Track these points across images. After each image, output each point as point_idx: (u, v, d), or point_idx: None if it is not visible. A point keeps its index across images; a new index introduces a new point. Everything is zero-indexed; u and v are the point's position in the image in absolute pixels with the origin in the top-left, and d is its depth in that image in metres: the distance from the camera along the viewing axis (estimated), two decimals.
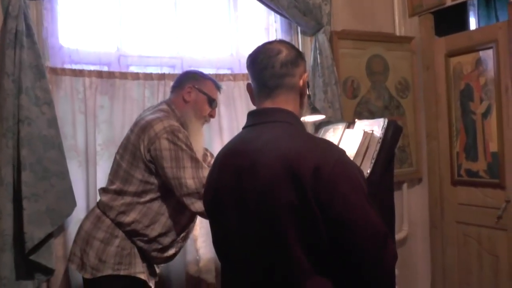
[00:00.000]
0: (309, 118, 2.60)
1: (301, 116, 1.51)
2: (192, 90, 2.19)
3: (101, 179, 2.36)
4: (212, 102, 2.24)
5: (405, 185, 3.45)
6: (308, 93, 2.51)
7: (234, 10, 2.89)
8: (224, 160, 1.43)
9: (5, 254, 2.07)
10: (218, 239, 1.48)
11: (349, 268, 1.25)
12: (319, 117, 2.66)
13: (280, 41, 1.48)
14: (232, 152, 1.41)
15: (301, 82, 1.43)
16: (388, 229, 2.17)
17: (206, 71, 2.72)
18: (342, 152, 1.31)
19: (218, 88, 2.29)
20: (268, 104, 1.41)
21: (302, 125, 1.46)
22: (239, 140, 1.43)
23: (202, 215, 2.02)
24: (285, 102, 1.41)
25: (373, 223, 1.23)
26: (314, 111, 2.66)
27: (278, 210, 1.24)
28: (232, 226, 1.37)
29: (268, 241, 1.27)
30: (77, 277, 2.20)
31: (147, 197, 2.05)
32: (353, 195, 1.23)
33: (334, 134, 2.48)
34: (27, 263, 2.14)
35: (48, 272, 2.20)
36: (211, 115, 2.28)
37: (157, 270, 2.24)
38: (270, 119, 1.39)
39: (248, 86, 1.49)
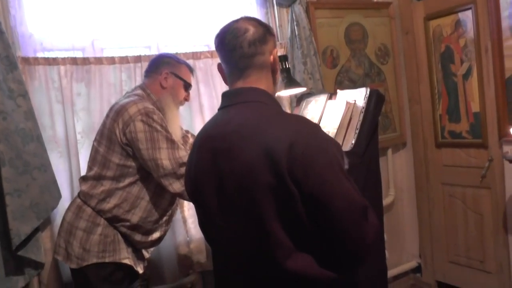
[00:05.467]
0: (289, 92, 2.57)
1: (276, 92, 1.48)
2: (169, 75, 2.18)
3: (84, 168, 2.32)
4: (188, 87, 2.25)
5: (389, 151, 3.48)
6: (287, 66, 2.51)
7: None
8: (201, 143, 1.42)
9: None
10: (202, 221, 1.49)
11: (329, 243, 1.25)
12: (300, 89, 2.63)
13: (247, 18, 1.43)
14: (208, 136, 1.40)
15: (271, 58, 1.40)
16: (375, 198, 2.21)
17: (183, 49, 2.69)
18: (316, 126, 1.30)
19: (191, 71, 2.29)
20: (240, 84, 1.39)
21: (276, 102, 1.43)
22: (215, 123, 1.42)
23: (181, 196, 2.04)
24: (257, 81, 1.39)
25: (349, 197, 1.21)
26: (294, 83, 2.63)
27: (256, 191, 1.23)
28: (213, 209, 1.37)
29: (248, 222, 1.27)
30: (67, 268, 2.19)
31: (126, 181, 2.06)
32: (328, 170, 1.21)
33: (316, 106, 2.46)
34: (16, 259, 2.13)
35: (38, 266, 2.20)
36: (186, 99, 2.27)
37: (147, 255, 2.25)
38: (242, 100, 1.38)
39: (219, 67, 1.47)
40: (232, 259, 1.39)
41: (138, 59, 2.52)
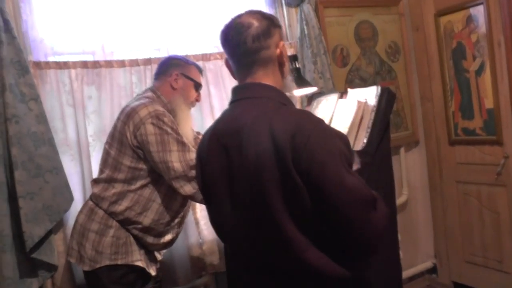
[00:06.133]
0: (300, 92, 2.56)
1: (286, 86, 1.46)
2: (179, 76, 2.18)
3: (96, 171, 2.33)
4: (198, 87, 2.25)
5: (402, 149, 3.44)
6: (297, 65, 2.50)
7: None
8: (211, 140, 1.41)
9: (6, 255, 2.07)
10: (214, 218, 1.49)
11: (339, 236, 1.23)
12: (311, 89, 2.62)
13: (250, 13, 1.41)
14: (218, 132, 1.39)
15: (278, 51, 1.38)
16: (388, 197, 2.19)
17: (192, 51, 2.69)
18: (319, 120, 1.28)
19: (200, 72, 2.29)
20: (248, 80, 1.39)
21: (283, 97, 1.41)
22: (224, 119, 1.42)
23: (192, 198, 2.04)
24: (264, 76, 1.38)
25: (352, 189, 1.19)
26: (305, 83, 2.61)
27: (265, 186, 1.23)
28: (225, 206, 1.37)
29: (260, 217, 1.27)
30: (80, 270, 2.20)
31: (137, 184, 2.06)
32: (330, 161, 1.19)
33: (327, 106, 2.45)
34: (29, 261, 2.14)
35: (51, 268, 2.21)
36: (197, 100, 2.28)
37: (159, 257, 2.26)
38: (250, 95, 1.37)
39: (226, 62, 1.46)
40: (246, 255, 1.38)
41: (148, 61, 2.53)
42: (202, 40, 2.78)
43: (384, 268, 1.93)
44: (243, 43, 1.35)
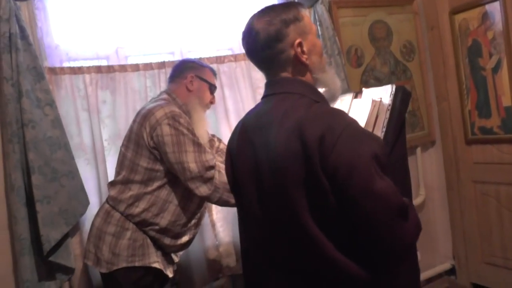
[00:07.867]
0: None
1: (320, 81, 1.39)
2: (194, 79, 2.20)
3: (111, 174, 2.35)
4: (213, 89, 2.27)
5: (418, 149, 3.41)
6: None
7: None
8: (241, 134, 1.41)
9: (24, 258, 2.08)
10: (241, 212, 1.48)
11: (364, 243, 1.19)
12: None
13: (262, 14, 1.34)
14: (247, 126, 1.39)
15: (292, 52, 1.32)
16: (404, 197, 2.16)
17: (206, 53, 2.70)
18: (352, 120, 1.23)
19: (215, 74, 2.31)
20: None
21: (317, 94, 1.35)
22: (255, 113, 1.41)
23: (208, 199, 2.05)
24: (290, 75, 1.36)
25: (380, 194, 1.13)
26: None
27: (289, 185, 1.21)
28: (252, 201, 1.36)
29: (284, 217, 1.25)
30: (97, 272, 2.21)
31: (154, 185, 2.07)
32: (358, 165, 1.14)
33: (342, 106, 2.43)
34: (47, 265, 2.16)
35: (69, 271, 2.23)
36: (212, 102, 2.29)
37: (176, 259, 2.26)
38: (282, 90, 1.34)
39: None
40: (268, 254, 1.35)
41: (162, 65, 2.54)
42: (216, 42, 2.79)
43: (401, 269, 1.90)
44: (256, 51, 1.34)
